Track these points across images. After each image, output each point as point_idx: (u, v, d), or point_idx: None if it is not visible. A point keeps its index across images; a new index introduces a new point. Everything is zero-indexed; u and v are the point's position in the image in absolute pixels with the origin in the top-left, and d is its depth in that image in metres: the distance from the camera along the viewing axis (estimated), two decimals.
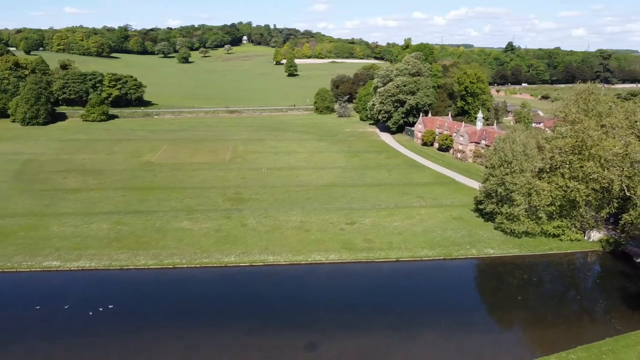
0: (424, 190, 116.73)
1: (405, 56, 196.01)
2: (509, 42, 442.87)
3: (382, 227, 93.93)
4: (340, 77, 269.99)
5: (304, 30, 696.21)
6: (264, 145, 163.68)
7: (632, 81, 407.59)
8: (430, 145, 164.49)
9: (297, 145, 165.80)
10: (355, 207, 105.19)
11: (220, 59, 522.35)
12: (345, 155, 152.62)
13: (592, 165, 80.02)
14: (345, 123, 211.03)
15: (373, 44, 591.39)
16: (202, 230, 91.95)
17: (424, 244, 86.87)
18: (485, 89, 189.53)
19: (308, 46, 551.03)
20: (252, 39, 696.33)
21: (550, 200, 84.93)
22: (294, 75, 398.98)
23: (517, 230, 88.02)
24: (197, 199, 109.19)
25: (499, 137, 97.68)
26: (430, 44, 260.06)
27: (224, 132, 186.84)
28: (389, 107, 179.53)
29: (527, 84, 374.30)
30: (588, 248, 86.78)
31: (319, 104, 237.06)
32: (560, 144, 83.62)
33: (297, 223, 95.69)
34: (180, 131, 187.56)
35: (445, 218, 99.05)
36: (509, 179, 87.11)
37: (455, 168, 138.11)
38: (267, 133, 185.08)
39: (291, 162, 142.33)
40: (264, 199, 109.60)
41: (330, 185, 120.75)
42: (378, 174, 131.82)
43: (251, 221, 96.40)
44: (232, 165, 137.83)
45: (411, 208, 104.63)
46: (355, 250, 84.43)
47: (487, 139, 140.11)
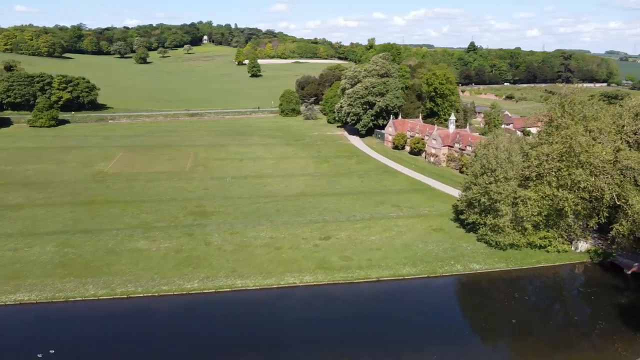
0: (400, 199, 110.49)
1: (373, 56, 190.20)
2: (471, 42, 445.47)
3: (359, 242, 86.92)
4: (305, 78, 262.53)
5: (266, 30, 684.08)
6: (227, 151, 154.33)
7: (590, 81, 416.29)
8: (402, 149, 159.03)
9: (263, 150, 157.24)
10: (328, 219, 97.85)
11: (180, 60, 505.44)
12: (315, 160, 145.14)
13: (581, 173, 75.30)
14: (312, 126, 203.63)
15: (337, 44, 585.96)
16: (161, 251, 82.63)
17: (405, 260, 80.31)
18: (454, 90, 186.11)
19: (271, 46, 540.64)
20: (212, 38, 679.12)
21: (537, 210, 79.89)
22: (257, 76, 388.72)
23: (502, 243, 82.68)
24: (155, 213, 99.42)
25: (480, 143, 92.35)
26: (397, 44, 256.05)
27: (184, 137, 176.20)
28: (358, 110, 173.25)
29: (490, 84, 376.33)
30: (576, 260, 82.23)
31: (285, 106, 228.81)
32: (547, 150, 78.60)
33: (267, 239, 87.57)
34: (137, 137, 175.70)
35: (425, 229, 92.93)
36: (493, 188, 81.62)
37: (429, 173, 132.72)
38: (231, 138, 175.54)
39: (257, 170, 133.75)
40: (229, 212, 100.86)
41: (300, 194, 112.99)
42: (350, 181, 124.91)
43: (216, 239, 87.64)
44: (194, 175, 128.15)
45: (388, 219, 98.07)
46: (332, 269, 77.04)
47: (460, 143, 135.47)
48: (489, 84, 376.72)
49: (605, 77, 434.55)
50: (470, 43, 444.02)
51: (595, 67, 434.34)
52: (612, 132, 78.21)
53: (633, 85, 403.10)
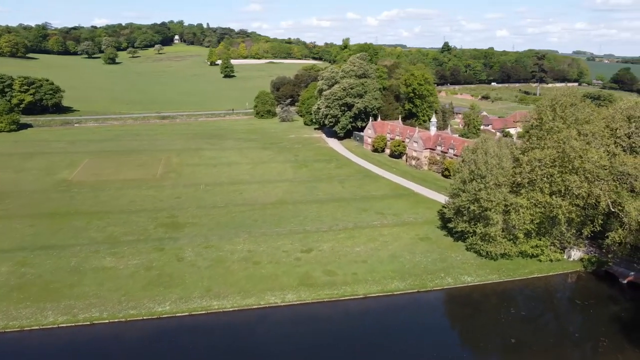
0: (383, 205, 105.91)
1: (351, 57, 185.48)
2: (445, 43, 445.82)
3: (343, 254, 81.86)
4: (280, 79, 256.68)
5: (239, 30, 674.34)
6: (201, 156, 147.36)
7: (561, 80, 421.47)
8: (382, 152, 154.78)
9: (239, 155, 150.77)
10: (309, 229, 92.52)
11: (150, 60, 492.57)
12: (293, 165, 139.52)
13: (575, 179, 71.80)
14: (288, 128, 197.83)
15: (311, 44, 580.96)
16: (129, 268, 75.95)
17: (393, 273, 75.58)
18: (433, 91, 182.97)
19: (244, 46, 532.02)
20: (184, 38, 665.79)
21: (529, 218, 76.20)
22: (230, 77, 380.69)
23: (493, 252, 78.82)
24: (123, 226, 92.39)
25: (467, 147, 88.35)
26: (374, 44, 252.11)
27: (155, 141, 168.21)
28: (336, 111, 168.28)
29: (465, 84, 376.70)
30: (569, 269, 78.90)
31: (260, 108, 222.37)
32: (539, 155, 74.89)
33: (245, 253, 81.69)
34: (105, 141, 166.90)
35: (412, 239, 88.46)
36: (483, 195, 77.62)
37: (411, 177, 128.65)
38: (204, 141, 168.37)
39: (233, 176, 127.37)
40: (203, 223, 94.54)
41: (279, 202, 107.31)
42: (330, 186, 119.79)
43: (189, 253, 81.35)
44: (165, 182, 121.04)
45: (372, 228, 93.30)
46: (316, 286, 71.77)
47: (442, 145, 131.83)
48: (464, 84, 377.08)
49: (576, 76, 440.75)
50: (445, 43, 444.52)
51: (566, 67, 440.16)
52: (605, 135, 74.99)
53: (603, 85, 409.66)
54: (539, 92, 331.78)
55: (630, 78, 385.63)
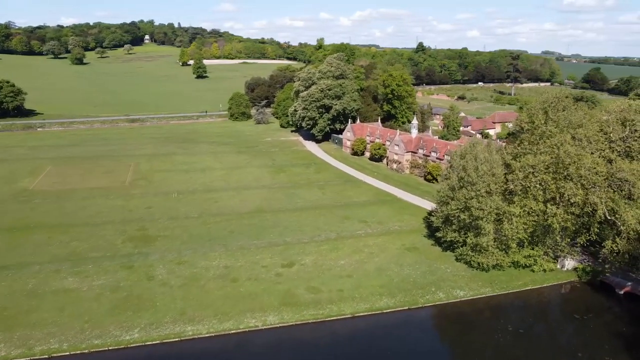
0: (366, 213, 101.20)
1: (328, 57, 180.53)
2: (420, 43, 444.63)
3: (327, 268, 76.71)
4: (255, 80, 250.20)
5: (211, 30, 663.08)
6: (172, 162, 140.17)
7: (534, 80, 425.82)
8: (361, 155, 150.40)
9: (213, 159, 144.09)
10: (290, 240, 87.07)
11: (119, 60, 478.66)
12: (270, 170, 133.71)
13: (572, 186, 68.26)
14: (264, 131, 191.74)
15: (285, 44, 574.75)
16: (94, 290, 69.22)
17: (381, 289, 70.77)
18: (412, 92, 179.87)
19: (217, 46, 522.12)
20: (155, 38, 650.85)
21: (522, 227, 72.46)
22: (203, 77, 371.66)
23: (485, 264, 74.81)
24: (87, 240, 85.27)
25: (455, 152, 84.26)
26: (350, 44, 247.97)
27: (124, 146, 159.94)
28: (314, 114, 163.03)
29: (441, 84, 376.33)
30: (564, 279, 75.45)
31: (234, 110, 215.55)
32: (533, 161, 71.17)
33: (221, 269, 75.76)
34: (70, 147, 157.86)
35: (398, 249, 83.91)
36: (474, 204, 73.55)
37: (393, 181, 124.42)
38: (176, 146, 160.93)
39: (207, 183, 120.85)
40: (175, 236, 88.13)
41: (256, 211, 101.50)
42: (310, 193, 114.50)
43: (160, 271, 74.97)
44: (135, 190, 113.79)
45: (356, 238, 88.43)
46: (299, 305, 66.44)
47: (425, 148, 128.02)
48: (440, 84, 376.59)
49: (548, 76, 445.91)
50: (419, 43, 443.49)
51: (538, 67, 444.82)
52: (599, 140, 71.75)
53: (575, 85, 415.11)
54: (513, 92, 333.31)
55: (600, 78, 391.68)
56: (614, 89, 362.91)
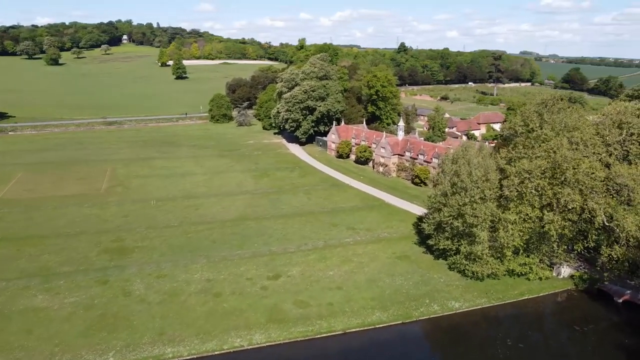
0: (354, 219, 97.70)
1: (311, 57, 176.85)
2: (402, 43, 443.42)
3: (316, 280, 72.93)
4: (236, 81, 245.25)
5: (191, 30, 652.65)
6: (151, 167, 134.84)
7: (515, 80, 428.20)
8: (347, 158, 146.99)
9: (194, 164, 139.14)
10: (276, 250, 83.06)
11: (96, 61, 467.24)
12: (253, 174, 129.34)
13: (569, 192, 65.64)
14: (246, 133, 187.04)
15: (266, 44, 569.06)
16: (65, 308, 64.36)
17: (372, 302, 67.26)
18: (396, 93, 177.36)
19: (196, 46, 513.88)
20: (133, 38, 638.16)
21: (518, 235, 69.71)
22: (182, 78, 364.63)
23: (480, 273, 71.87)
24: (59, 253, 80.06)
25: (446, 157, 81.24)
26: (333, 44, 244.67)
27: (100, 150, 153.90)
28: (297, 115, 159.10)
29: (423, 85, 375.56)
30: (560, 287, 72.92)
31: (215, 112, 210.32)
32: (528, 166, 68.41)
33: (203, 283, 71.44)
34: (43, 152, 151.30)
35: (389, 258, 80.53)
36: (468, 211, 70.56)
37: (380, 185, 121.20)
38: (155, 149, 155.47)
39: (187, 189, 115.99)
40: (154, 247, 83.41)
41: (240, 218, 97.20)
42: (295, 198, 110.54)
43: (138, 286, 70.33)
44: (111, 198, 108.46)
45: (345, 246, 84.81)
46: (287, 321, 62.54)
47: (412, 151, 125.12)
48: (422, 84, 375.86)
49: (528, 77, 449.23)
50: (401, 44, 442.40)
51: (519, 67, 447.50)
52: (596, 144, 69.32)
53: (555, 85, 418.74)
54: (496, 92, 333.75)
55: (580, 78, 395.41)
56: (594, 89, 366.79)
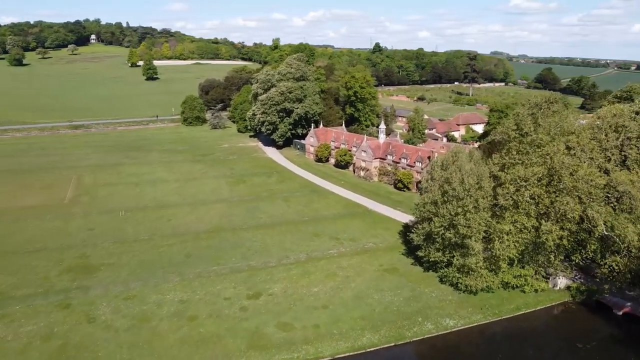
0: (336, 228, 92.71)
1: (287, 58, 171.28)
2: (377, 43, 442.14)
3: (299, 298, 67.59)
4: (209, 82, 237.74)
5: (162, 29, 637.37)
6: (120, 173, 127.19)
7: (489, 80, 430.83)
8: (326, 162, 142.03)
9: (165, 170, 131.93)
10: (255, 264, 77.39)
11: (63, 61, 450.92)
12: (229, 181, 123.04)
13: (568, 200, 61.91)
14: (221, 136, 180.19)
15: (239, 44, 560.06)
16: (20, 339, 57.43)
17: (362, 322, 62.30)
18: (375, 94, 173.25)
19: (168, 46, 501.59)
20: (101, 38, 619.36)
21: (514, 246, 65.81)
22: (153, 79, 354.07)
23: (473, 287, 67.69)
24: (15, 274, 72.64)
25: (436, 162, 76.83)
26: (310, 44, 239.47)
27: (65, 156, 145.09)
28: (274, 118, 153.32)
29: (399, 85, 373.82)
30: (557, 300, 69.31)
31: (188, 114, 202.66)
32: (524, 173, 64.49)
33: (176, 305, 65.31)
34: (2, 158, 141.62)
35: (376, 271, 75.75)
36: (461, 221, 66.28)
37: (362, 190, 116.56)
38: (124, 155, 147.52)
39: (159, 197, 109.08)
40: (122, 264, 76.72)
41: (215, 229, 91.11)
42: (274, 206, 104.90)
43: (104, 310, 63.77)
44: (75, 208, 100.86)
45: (329, 259, 79.70)
46: (270, 348, 57.03)
47: (394, 155, 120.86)
48: (398, 84, 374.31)
49: (502, 77, 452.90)
50: (376, 44, 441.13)
51: (493, 67, 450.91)
52: (594, 148, 65.89)
53: (528, 85, 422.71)
54: (471, 92, 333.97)
55: (552, 78, 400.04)
56: (566, 89, 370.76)
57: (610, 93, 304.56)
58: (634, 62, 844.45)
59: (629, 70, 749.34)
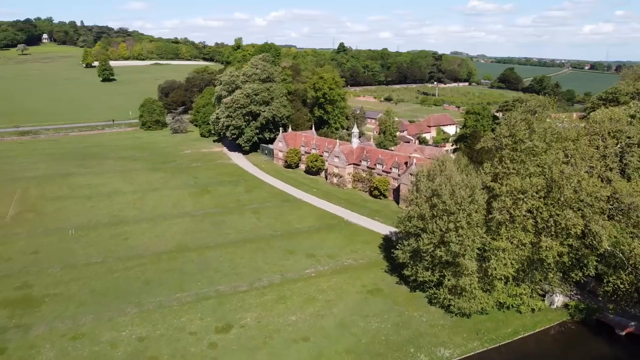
0: (312, 243, 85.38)
1: (252, 58, 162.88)
2: (341, 43, 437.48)
3: (276, 329, 59.89)
4: (169, 83, 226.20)
5: (119, 28, 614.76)
6: (71, 185, 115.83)
7: (454, 80, 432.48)
8: (296, 168, 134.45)
9: (122, 180, 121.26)
10: (224, 289, 69.19)
11: (12, 61, 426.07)
12: (192, 191, 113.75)
13: (571, 214, 56.50)
14: (182, 141, 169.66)
15: (200, 44, 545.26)
16: None
17: (348, 356, 55.17)
18: (344, 95, 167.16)
19: (125, 46, 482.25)
20: (54, 37, 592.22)
21: (510, 264, 60.11)
22: (110, 80, 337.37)
23: (467, 309, 61.67)
24: None
25: (421, 172, 70.41)
26: (275, 44, 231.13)
27: (9, 166, 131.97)
28: (239, 122, 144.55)
29: (365, 85, 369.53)
30: (556, 320, 64.13)
31: (146, 118, 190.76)
32: (521, 185, 58.78)
33: (134, 344, 56.50)
34: None
35: (359, 293, 68.84)
36: (453, 238, 60.08)
37: (336, 199, 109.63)
38: (77, 164, 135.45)
39: (114, 212, 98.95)
40: (70, 294, 67.05)
41: (178, 249, 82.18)
42: (243, 220, 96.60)
43: (47, 355, 54.33)
44: (18, 228, 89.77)
45: (306, 280, 72.27)
46: None
47: (369, 160, 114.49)
48: (364, 85, 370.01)
49: (465, 76, 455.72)
50: (340, 44, 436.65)
51: (456, 67, 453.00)
52: (594, 156, 60.89)
53: (491, 85, 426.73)
54: (437, 92, 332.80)
55: (514, 78, 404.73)
56: (528, 88, 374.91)
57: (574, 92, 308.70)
58: (587, 62, 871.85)
59: (582, 70, 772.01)
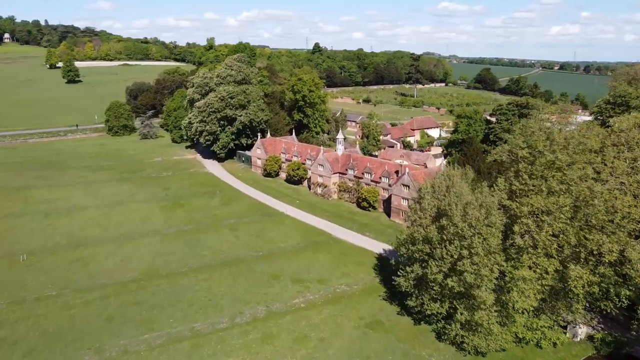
0: (298, 265, 76.33)
1: (227, 58, 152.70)
2: (316, 43, 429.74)
3: None
4: (138, 85, 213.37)
5: (85, 28, 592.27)
6: (26, 200, 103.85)
7: (431, 81, 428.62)
8: (276, 176, 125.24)
9: (85, 193, 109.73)
10: (200, 326, 59.59)
11: None
12: (162, 205, 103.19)
13: (604, 239, 48.95)
14: (152, 148, 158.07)
15: (171, 44, 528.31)
16: None
17: None
18: (324, 98, 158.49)
19: (91, 46, 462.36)
20: (16, 37, 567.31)
21: (534, 295, 52.34)
22: (75, 82, 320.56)
23: (484, 348, 53.65)
24: None
25: (425, 189, 62.11)
26: (250, 44, 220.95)
27: None
28: (214, 127, 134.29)
29: (342, 86, 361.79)
30: (581, 355, 56.77)
31: (113, 122, 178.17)
32: (545, 205, 51.00)
33: None
34: None
35: (356, 328, 60.14)
36: (468, 267, 51.93)
37: (321, 212, 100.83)
38: (34, 175, 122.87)
39: (74, 232, 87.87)
40: (17, 339, 56.45)
41: (146, 276, 72.02)
42: (219, 237, 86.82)
43: None
44: None
45: (295, 312, 63.23)
46: None
47: (355, 169, 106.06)
48: (341, 86, 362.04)
49: (442, 77, 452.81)
50: (315, 44, 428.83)
51: (433, 68, 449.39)
52: (625, 171, 53.56)
53: (468, 85, 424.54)
54: (416, 93, 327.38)
55: (491, 78, 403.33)
56: (505, 89, 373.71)
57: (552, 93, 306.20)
58: (556, 62, 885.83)
59: (552, 70, 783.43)
